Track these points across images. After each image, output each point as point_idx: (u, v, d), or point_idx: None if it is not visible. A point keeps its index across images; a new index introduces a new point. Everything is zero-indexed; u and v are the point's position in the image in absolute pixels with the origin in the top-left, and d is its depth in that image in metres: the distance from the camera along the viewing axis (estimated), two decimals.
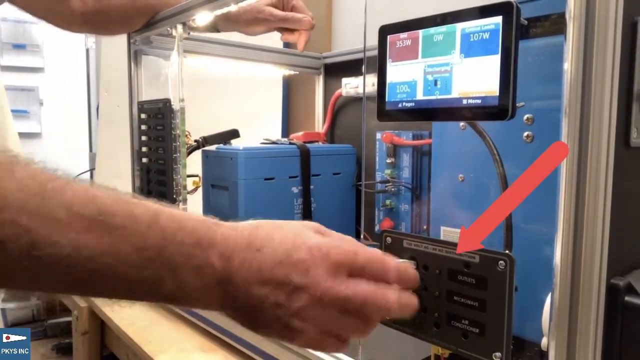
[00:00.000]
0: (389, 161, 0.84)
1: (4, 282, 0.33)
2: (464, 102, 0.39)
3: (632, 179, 0.35)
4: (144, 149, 0.84)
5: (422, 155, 0.82)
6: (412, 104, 0.43)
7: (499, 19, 0.37)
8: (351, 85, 1.01)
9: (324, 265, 0.37)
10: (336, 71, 1.09)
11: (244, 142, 0.89)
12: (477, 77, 0.38)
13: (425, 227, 0.80)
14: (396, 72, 0.44)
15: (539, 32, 0.52)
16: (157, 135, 0.80)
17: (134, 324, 0.81)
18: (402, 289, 0.39)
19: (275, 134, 1.22)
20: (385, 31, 0.45)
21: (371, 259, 0.39)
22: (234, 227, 0.38)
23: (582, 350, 0.33)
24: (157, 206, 0.37)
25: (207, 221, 0.38)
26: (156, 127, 0.80)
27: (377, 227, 0.88)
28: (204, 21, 0.74)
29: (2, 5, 0.76)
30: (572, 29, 0.32)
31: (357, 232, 0.97)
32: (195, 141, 0.86)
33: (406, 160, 0.83)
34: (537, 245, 0.49)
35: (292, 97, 1.30)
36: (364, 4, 0.54)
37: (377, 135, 0.86)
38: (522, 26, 0.37)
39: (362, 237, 0.76)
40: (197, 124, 0.86)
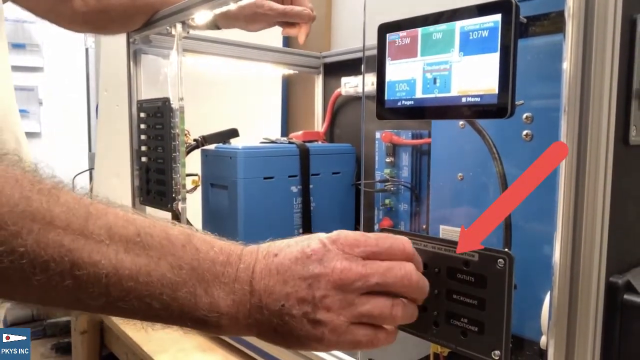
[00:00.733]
0: (388, 160, 0.84)
1: (46, 300, 0.34)
2: (463, 100, 0.39)
3: (632, 177, 0.35)
4: (143, 148, 0.84)
5: (421, 154, 0.82)
6: (412, 102, 0.43)
7: (498, 17, 0.37)
8: (350, 84, 1.01)
9: (335, 249, 0.38)
10: (335, 70, 1.09)
11: (244, 142, 0.89)
12: (476, 75, 0.38)
13: (424, 226, 0.80)
14: (395, 70, 0.44)
15: (538, 30, 0.52)
16: (156, 134, 0.80)
17: (133, 323, 0.81)
18: None
19: (274, 133, 1.22)
20: (384, 29, 0.45)
21: (382, 235, 0.40)
22: (257, 245, 0.41)
23: (581, 348, 0.33)
24: (190, 228, 0.39)
25: (234, 243, 0.41)
26: (155, 126, 0.80)
27: (376, 227, 0.88)
28: (203, 20, 0.73)
29: (5, 4, 0.76)
30: (571, 27, 0.32)
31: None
32: (194, 140, 0.86)
33: (405, 159, 0.83)
34: (536, 243, 0.49)
35: (292, 96, 1.30)
36: (363, 3, 0.54)
37: (377, 134, 0.86)
38: (522, 24, 0.37)
39: None
40: (196, 123, 0.86)
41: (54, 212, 0.32)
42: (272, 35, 0.87)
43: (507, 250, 0.38)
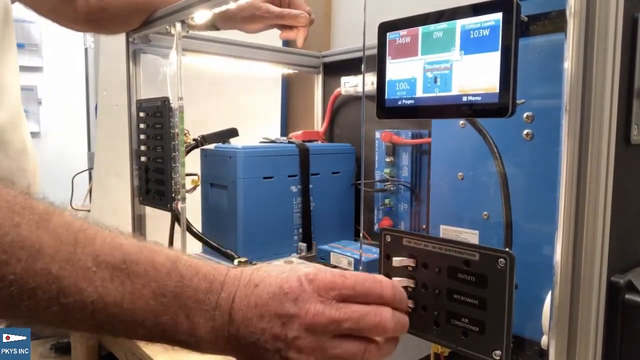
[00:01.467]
0: (388, 160, 0.84)
1: (34, 322, 0.35)
2: (464, 99, 0.39)
3: (633, 176, 0.35)
4: (143, 148, 0.84)
5: (421, 154, 0.82)
6: (412, 102, 0.43)
7: (499, 16, 0.37)
8: (350, 84, 1.01)
9: (311, 290, 0.39)
10: (335, 70, 1.09)
11: (243, 141, 0.88)
12: (477, 74, 0.38)
13: (424, 225, 0.80)
14: (396, 69, 0.44)
15: (539, 29, 0.52)
16: (155, 134, 0.80)
17: None
18: (394, 308, 0.40)
19: (274, 132, 1.22)
20: (384, 28, 0.45)
21: (360, 278, 0.40)
22: (241, 270, 0.41)
23: (583, 348, 0.33)
24: (177, 253, 0.40)
25: (219, 267, 0.41)
26: (155, 125, 0.80)
27: (376, 226, 0.88)
28: (202, 19, 0.73)
29: (13, 4, 0.77)
30: (572, 26, 0.31)
31: (357, 232, 0.97)
32: (194, 140, 0.85)
33: (405, 159, 0.83)
34: (537, 243, 0.49)
35: (291, 96, 1.30)
36: (363, 3, 0.54)
37: (377, 134, 0.86)
38: (523, 23, 0.37)
39: (362, 236, 0.76)
40: (196, 123, 0.86)
41: (43, 239, 0.33)
42: (271, 35, 0.87)
43: (508, 249, 0.38)
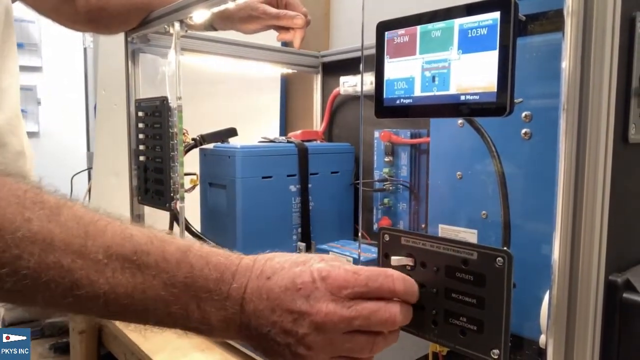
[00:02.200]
0: (387, 160, 0.84)
1: (49, 311, 0.36)
2: (462, 98, 0.39)
3: (631, 175, 0.35)
4: (141, 148, 0.84)
5: (420, 153, 0.82)
6: (410, 101, 0.43)
7: (497, 15, 0.37)
8: (349, 83, 1.01)
9: (323, 288, 0.38)
10: (334, 70, 1.09)
11: (242, 141, 0.88)
12: (475, 73, 0.38)
13: (423, 225, 0.80)
14: (394, 68, 0.44)
15: (537, 29, 0.52)
16: (154, 133, 0.80)
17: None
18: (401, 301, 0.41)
19: (273, 132, 1.22)
20: (383, 27, 0.45)
21: (373, 273, 0.40)
22: (254, 258, 0.41)
23: (581, 347, 0.33)
24: (188, 242, 0.40)
25: (231, 256, 0.41)
26: (153, 125, 0.80)
27: (375, 226, 0.88)
28: (200, 19, 0.73)
29: (14, 4, 0.77)
30: (570, 25, 0.31)
31: (356, 231, 0.97)
32: (192, 139, 0.85)
33: (404, 158, 0.83)
34: (535, 241, 0.49)
35: (290, 95, 1.30)
36: (361, 2, 0.54)
37: (375, 133, 0.86)
38: (520, 22, 0.37)
39: (360, 235, 0.76)
40: (194, 122, 0.85)
41: (54, 232, 0.33)
42: (270, 35, 0.87)
43: (506, 248, 0.38)
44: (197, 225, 0.87)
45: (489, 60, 0.37)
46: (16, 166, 0.74)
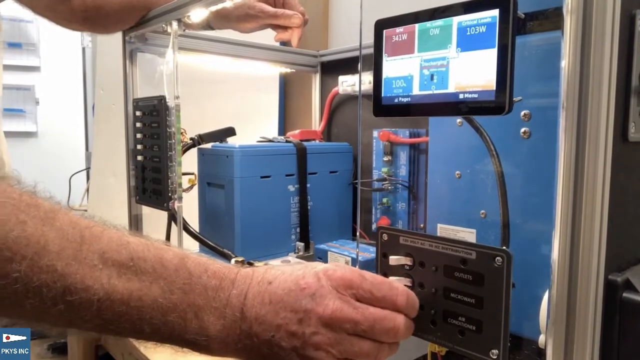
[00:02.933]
0: (385, 159, 0.84)
1: (39, 321, 0.35)
2: (461, 96, 0.39)
3: (630, 173, 0.35)
4: (139, 147, 0.84)
5: (419, 153, 0.82)
6: (409, 99, 0.43)
7: (496, 12, 0.36)
8: (348, 83, 1.00)
9: (329, 286, 0.38)
10: (333, 69, 1.09)
11: (240, 140, 0.88)
12: (473, 72, 0.38)
13: (422, 224, 0.80)
14: (392, 67, 0.44)
15: (536, 27, 0.52)
16: (152, 133, 0.80)
17: None
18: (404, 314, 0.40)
19: (271, 132, 1.22)
20: (381, 25, 0.45)
21: (377, 282, 0.40)
22: (253, 269, 0.40)
23: (580, 347, 0.32)
24: (185, 252, 0.39)
25: (229, 265, 0.40)
26: (151, 124, 0.79)
27: (374, 226, 0.88)
28: (198, 17, 0.73)
29: (4, 2, 0.76)
30: (569, 23, 0.31)
31: (355, 231, 0.97)
32: (190, 139, 0.85)
33: (403, 158, 0.82)
34: (535, 241, 0.49)
35: (289, 95, 1.30)
36: (359, 1, 0.54)
37: (374, 133, 0.86)
38: (519, 20, 0.37)
39: (358, 235, 0.76)
40: (192, 122, 0.85)
41: (49, 236, 0.32)
42: (269, 34, 0.87)
43: (505, 248, 0.38)
44: (195, 225, 0.87)
45: (488, 58, 0.37)
46: None
